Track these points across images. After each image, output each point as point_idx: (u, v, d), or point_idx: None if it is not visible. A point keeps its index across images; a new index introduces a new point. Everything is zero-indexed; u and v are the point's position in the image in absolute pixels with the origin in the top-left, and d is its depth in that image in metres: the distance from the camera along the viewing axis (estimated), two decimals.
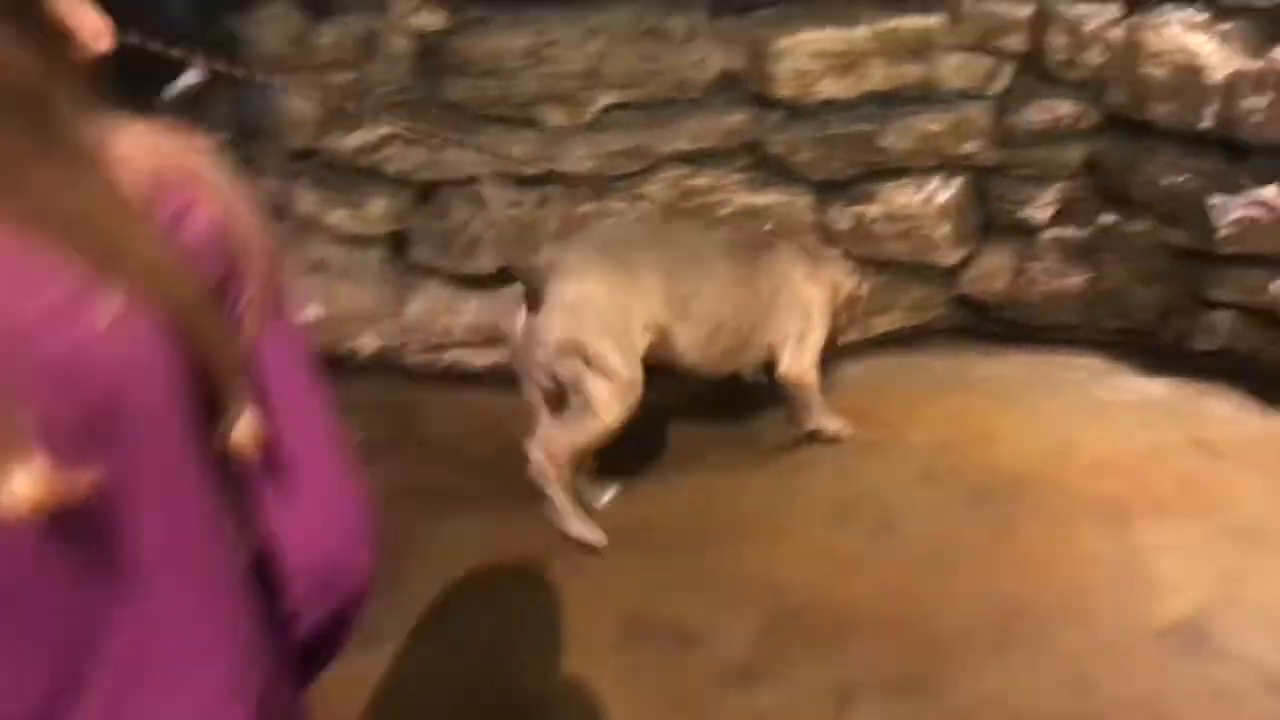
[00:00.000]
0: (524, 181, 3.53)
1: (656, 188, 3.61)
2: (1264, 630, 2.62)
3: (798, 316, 3.24)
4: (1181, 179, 3.67)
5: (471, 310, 3.64)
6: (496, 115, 3.46)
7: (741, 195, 3.67)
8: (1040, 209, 3.85)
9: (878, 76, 3.64)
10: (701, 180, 3.65)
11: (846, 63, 3.60)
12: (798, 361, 3.27)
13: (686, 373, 3.14)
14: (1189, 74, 3.54)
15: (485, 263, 3.54)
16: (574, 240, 3.08)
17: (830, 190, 3.81)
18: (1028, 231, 3.91)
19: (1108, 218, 3.84)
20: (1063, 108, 3.73)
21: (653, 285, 2.96)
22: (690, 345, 3.07)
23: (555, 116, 3.46)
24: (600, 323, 2.86)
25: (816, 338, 3.30)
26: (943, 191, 3.82)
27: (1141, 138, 3.72)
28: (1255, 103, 3.46)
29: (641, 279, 2.95)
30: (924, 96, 3.78)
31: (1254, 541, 2.94)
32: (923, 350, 3.94)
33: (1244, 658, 2.53)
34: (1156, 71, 3.59)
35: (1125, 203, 3.84)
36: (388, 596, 2.81)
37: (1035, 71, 3.77)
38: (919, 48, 3.63)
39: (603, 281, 2.89)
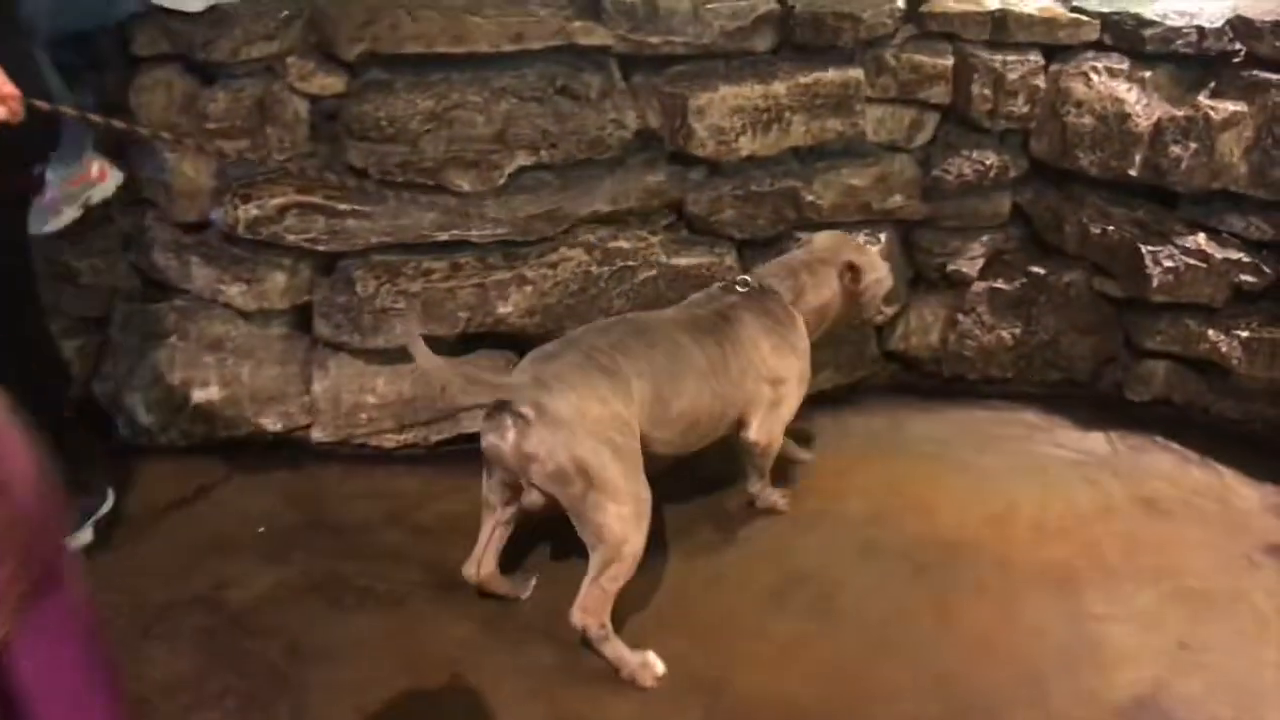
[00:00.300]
0: (435, 249, 3.35)
1: (575, 251, 3.44)
2: (1224, 701, 2.51)
3: (767, 388, 3.03)
4: (1112, 228, 3.60)
5: (381, 387, 3.43)
6: (402, 182, 3.28)
7: (663, 256, 3.52)
8: (969, 261, 3.75)
9: (799, 131, 3.52)
10: (622, 242, 3.50)
11: (767, 119, 3.48)
12: (767, 429, 3.06)
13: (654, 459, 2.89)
14: (1114, 121, 3.48)
15: (394, 335, 3.34)
16: (550, 349, 2.81)
17: (755, 249, 3.68)
18: (958, 285, 3.81)
19: (1038, 268, 3.75)
20: (989, 158, 3.64)
21: (639, 392, 2.73)
22: (668, 441, 2.86)
23: (464, 181, 3.28)
24: (601, 439, 2.60)
25: (789, 408, 3.11)
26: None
27: (1070, 187, 3.65)
28: (1182, 150, 3.40)
29: (630, 387, 2.72)
30: (847, 150, 3.67)
31: (1206, 605, 2.84)
32: (856, 409, 3.80)
33: None
34: (1082, 120, 3.52)
35: (1056, 253, 3.76)
36: (285, 705, 2.68)
37: (960, 122, 3.69)
38: (840, 101, 3.53)
39: (595, 393, 2.64)
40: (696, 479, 3.30)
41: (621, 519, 2.59)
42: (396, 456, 3.49)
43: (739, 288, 3.10)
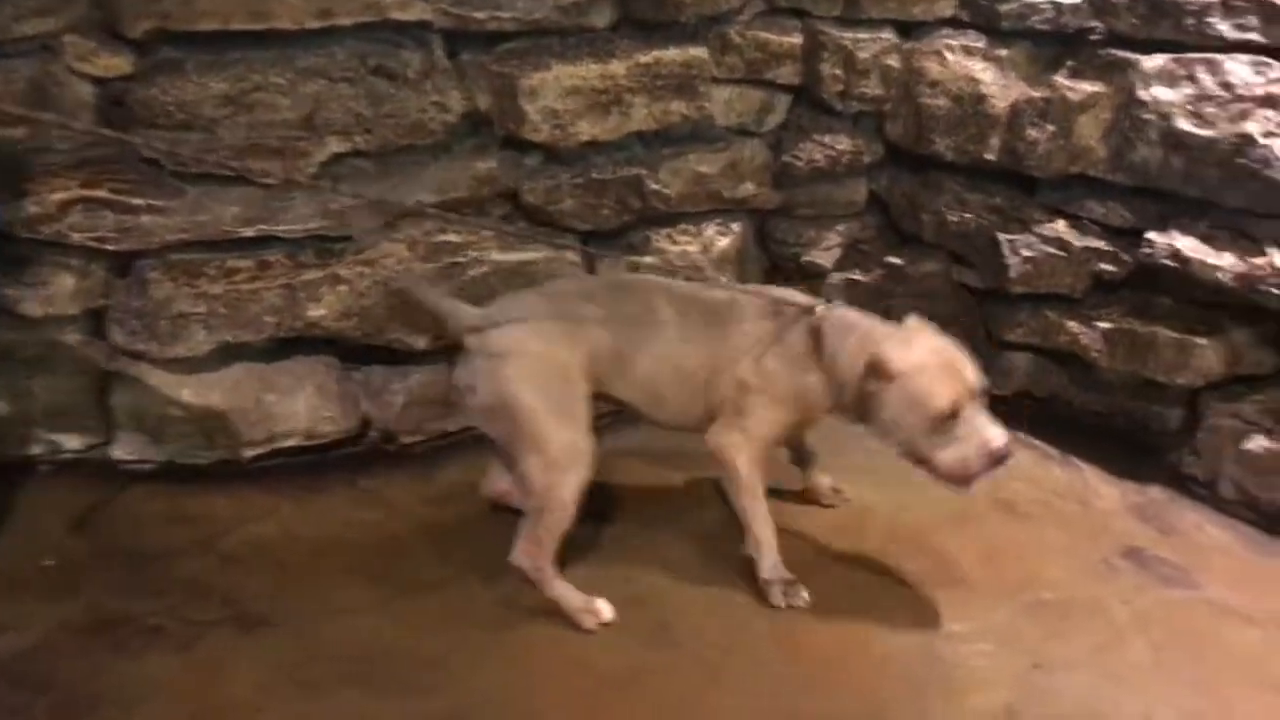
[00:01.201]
0: (240, 246, 3.04)
1: (395, 247, 3.16)
2: None
3: (735, 393, 2.69)
4: (969, 215, 3.43)
5: (187, 398, 3.11)
6: (201, 172, 2.96)
7: (496, 251, 3.26)
8: (825, 252, 3.57)
9: (641, 115, 3.29)
10: (451, 235, 3.22)
11: (606, 100, 3.23)
12: (724, 433, 2.70)
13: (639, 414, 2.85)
14: (970, 103, 3.31)
15: (197, 342, 3.03)
16: (522, 292, 2.84)
17: (599, 241, 3.44)
18: (814, 276, 3.62)
19: (896, 259, 3.58)
20: (842, 142, 3.45)
21: (595, 341, 2.67)
22: (637, 401, 2.80)
23: (270, 171, 2.97)
24: (535, 383, 2.58)
25: (755, 423, 2.69)
26: (721, 237, 3.50)
27: (926, 172, 3.47)
28: (1039, 133, 3.24)
29: (585, 334, 2.66)
30: (695, 135, 3.44)
31: (1062, 618, 2.69)
32: None
33: None
34: (937, 101, 3.34)
35: (914, 242, 3.60)
36: None
37: (812, 104, 3.49)
38: (684, 82, 3.29)
39: (541, 333, 2.61)
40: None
41: (544, 468, 2.57)
42: (207, 475, 3.18)
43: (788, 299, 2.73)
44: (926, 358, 2.49)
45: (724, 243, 3.50)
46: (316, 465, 3.24)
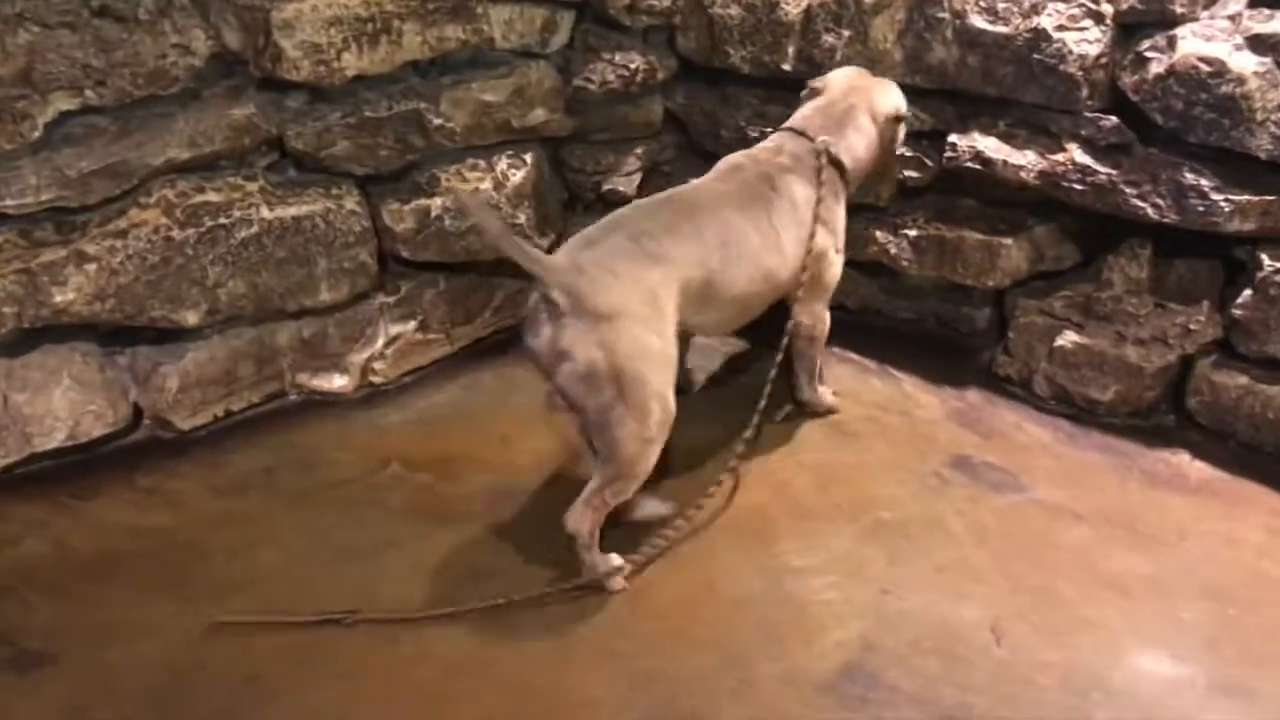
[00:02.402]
0: None
1: (149, 214, 2.78)
2: (931, 651, 2.32)
3: (816, 265, 2.79)
4: (770, 129, 3.30)
5: None
6: None
7: (266, 208, 2.92)
8: (626, 178, 3.39)
9: (414, 43, 2.99)
10: (211, 195, 2.87)
11: (372, 30, 2.91)
12: (810, 310, 2.87)
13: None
14: (763, 10, 3.16)
15: None
16: (591, 233, 2.50)
17: (381, 185, 3.14)
18: (617, 204, 3.42)
19: (698, 178, 3.42)
20: (634, 60, 3.25)
21: (689, 283, 2.52)
22: (710, 325, 2.77)
23: None
24: (642, 343, 2.37)
25: (831, 279, 2.90)
26: (515, 171, 3.26)
27: (723, 86, 3.32)
28: (835, 39, 3.12)
29: (679, 277, 2.49)
30: (475, 61, 3.17)
31: (903, 538, 2.66)
32: (523, 355, 3.39)
33: (918, 695, 2.21)
34: (728, 11, 3.18)
35: (716, 159, 3.42)
36: None
37: (598, 20, 3.27)
38: (458, 4, 3.01)
39: (640, 286, 2.40)
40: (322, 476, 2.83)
41: (641, 440, 2.40)
42: None
43: (789, 144, 2.85)
44: (895, 91, 3.02)
45: (518, 176, 3.26)
46: (87, 466, 2.88)
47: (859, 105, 2.91)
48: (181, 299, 2.85)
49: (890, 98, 2.96)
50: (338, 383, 3.18)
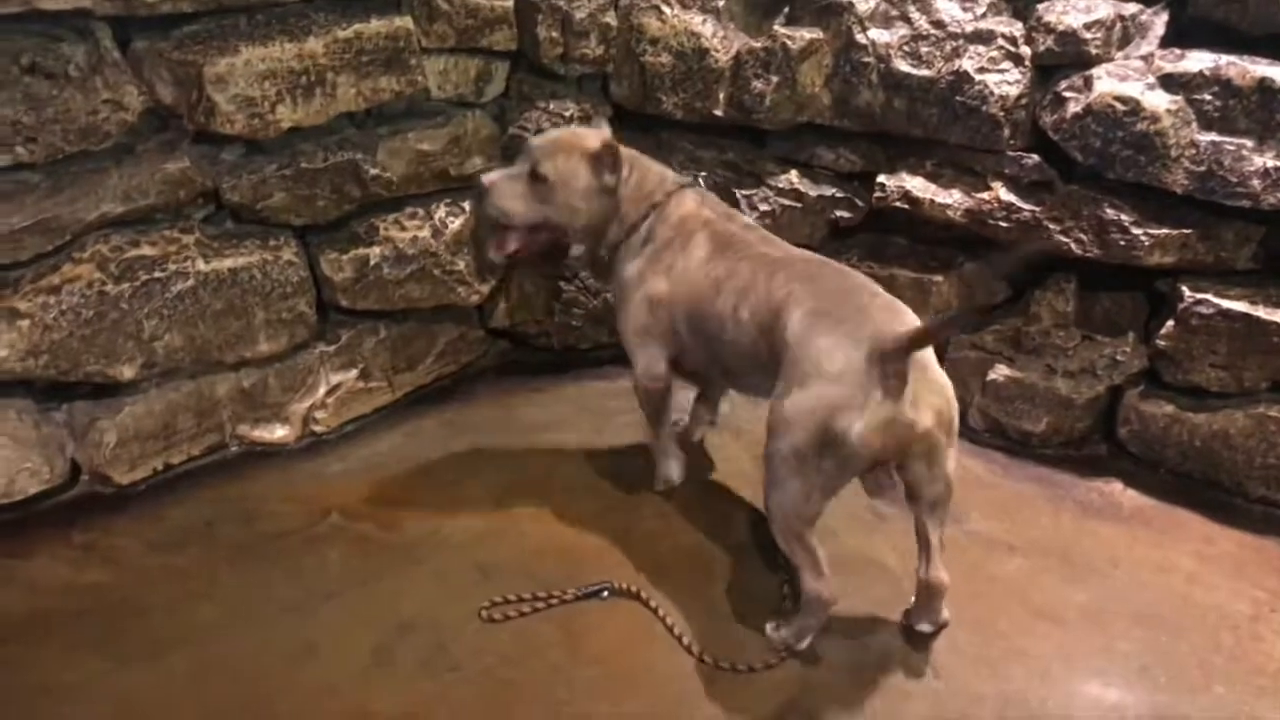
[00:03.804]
0: None
1: (82, 269, 2.77)
2: (866, 685, 2.34)
3: None
4: (704, 174, 3.36)
5: None
6: None
7: (201, 261, 2.92)
8: None
9: (349, 95, 3.01)
10: (145, 249, 2.86)
11: (307, 83, 2.93)
12: None
13: None
14: (694, 58, 3.22)
15: None
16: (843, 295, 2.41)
17: (319, 235, 3.15)
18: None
19: None
20: (568, 108, 3.29)
21: None
22: None
23: None
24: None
25: None
26: (453, 219, 3.28)
27: (657, 132, 3.37)
28: (764, 84, 3.19)
29: None
30: (411, 111, 3.20)
31: (843, 573, 2.65)
32: (464, 402, 3.41)
33: None
34: (660, 59, 3.23)
35: None
36: None
37: (532, 70, 3.31)
38: (392, 56, 3.03)
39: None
40: (262, 529, 2.82)
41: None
42: None
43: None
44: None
45: (456, 223, 3.28)
46: (22, 524, 2.83)
47: (567, 150, 2.77)
48: (117, 353, 2.84)
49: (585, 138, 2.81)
50: (279, 433, 3.17)
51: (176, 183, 2.88)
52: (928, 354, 2.31)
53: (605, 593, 2.57)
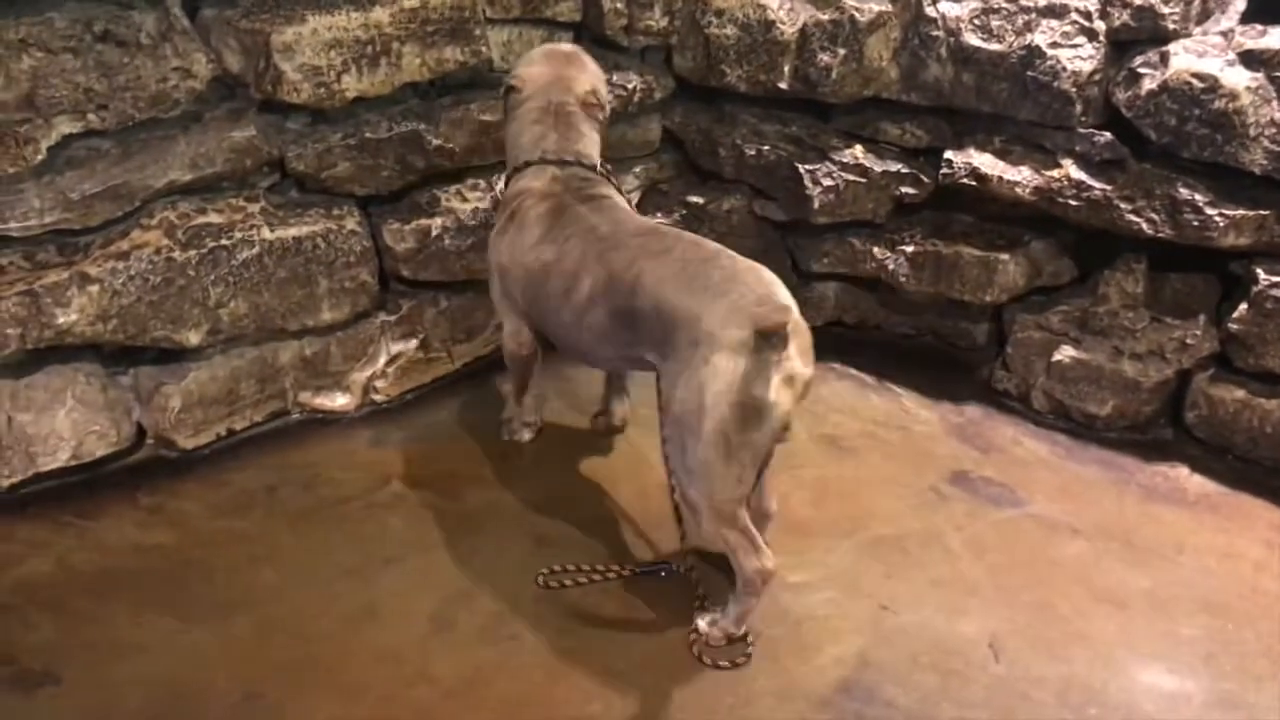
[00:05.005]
0: None
1: (151, 235, 2.81)
2: (929, 666, 2.33)
3: None
4: (767, 148, 3.33)
5: None
6: None
7: (267, 229, 2.95)
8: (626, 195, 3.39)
9: (413, 65, 3.01)
10: (212, 216, 2.89)
11: (372, 52, 2.94)
12: None
13: None
14: (759, 30, 3.18)
15: None
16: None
17: (381, 205, 3.17)
18: None
19: (697, 197, 3.45)
20: (631, 80, 3.27)
21: None
22: None
23: None
24: None
25: None
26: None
27: (720, 106, 3.34)
28: (830, 57, 3.15)
29: None
30: (474, 82, 3.20)
31: (900, 553, 2.67)
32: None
33: (915, 711, 2.21)
34: (724, 31, 3.20)
35: (714, 178, 3.48)
36: None
37: (596, 41, 3.29)
38: (456, 26, 3.03)
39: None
40: (323, 494, 2.85)
41: None
42: None
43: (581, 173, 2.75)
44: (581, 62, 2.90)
45: None
46: (91, 485, 2.88)
47: (568, 104, 2.80)
48: (183, 319, 2.87)
49: (586, 83, 2.83)
50: (340, 401, 3.20)
51: (243, 151, 2.91)
52: (790, 301, 2.29)
53: (664, 573, 2.57)
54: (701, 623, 2.41)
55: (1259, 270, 2.82)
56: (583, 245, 2.54)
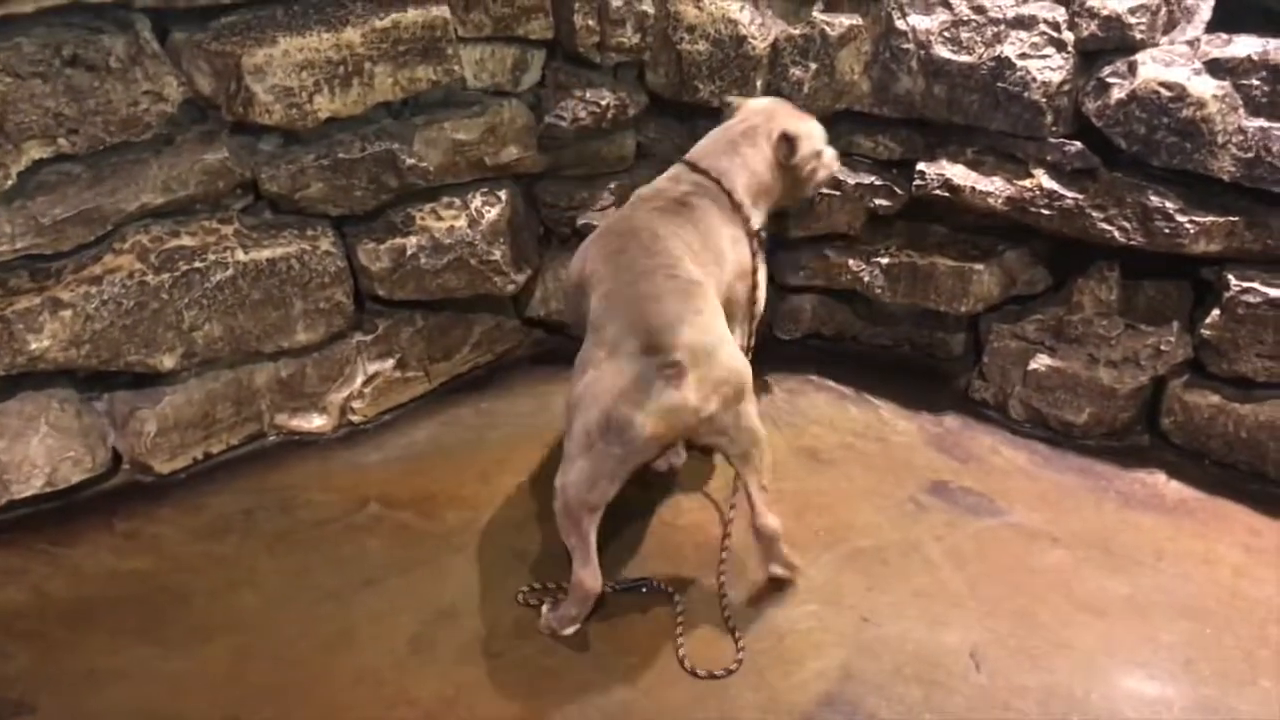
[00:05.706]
0: None
1: (123, 259, 2.79)
2: (912, 678, 2.33)
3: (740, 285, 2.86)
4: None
5: None
6: None
7: (240, 251, 2.93)
8: (600, 212, 3.38)
9: (386, 84, 3.00)
10: (185, 239, 2.88)
11: (344, 72, 2.93)
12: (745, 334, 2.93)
13: None
14: (731, 46, 3.19)
15: None
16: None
17: (356, 225, 3.16)
18: None
19: None
20: (604, 97, 3.26)
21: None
22: None
23: None
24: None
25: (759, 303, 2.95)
26: (489, 208, 3.27)
27: (694, 121, 3.34)
28: (802, 71, 3.16)
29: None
30: (448, 101, 3.19)
31: (881, 564, 2.67)
32: (501, 391, 3.40)
33: None
34: (697, 46, 3.21)
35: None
36: None
37: (568, 58, 3.29)
38: (429, 45, 3.03)
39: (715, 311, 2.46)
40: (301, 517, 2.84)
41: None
42: None
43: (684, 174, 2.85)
44: (802, 118, 2.98)
45: (493, 213, 3.27)
46: (65, 512, 2.87)
47: (758, 128, 2.89)
48: (157, 343, 2.86)
49: (789, 122, 2.90)
50: (316, 422, 3.19)
51: (215, 173, 2.90)
52: (715, 338, 2.34)
53: (644, 589, 2.57)
54: (544, 607, 2.49)
55: (1230, 276, 2.84)
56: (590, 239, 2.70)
